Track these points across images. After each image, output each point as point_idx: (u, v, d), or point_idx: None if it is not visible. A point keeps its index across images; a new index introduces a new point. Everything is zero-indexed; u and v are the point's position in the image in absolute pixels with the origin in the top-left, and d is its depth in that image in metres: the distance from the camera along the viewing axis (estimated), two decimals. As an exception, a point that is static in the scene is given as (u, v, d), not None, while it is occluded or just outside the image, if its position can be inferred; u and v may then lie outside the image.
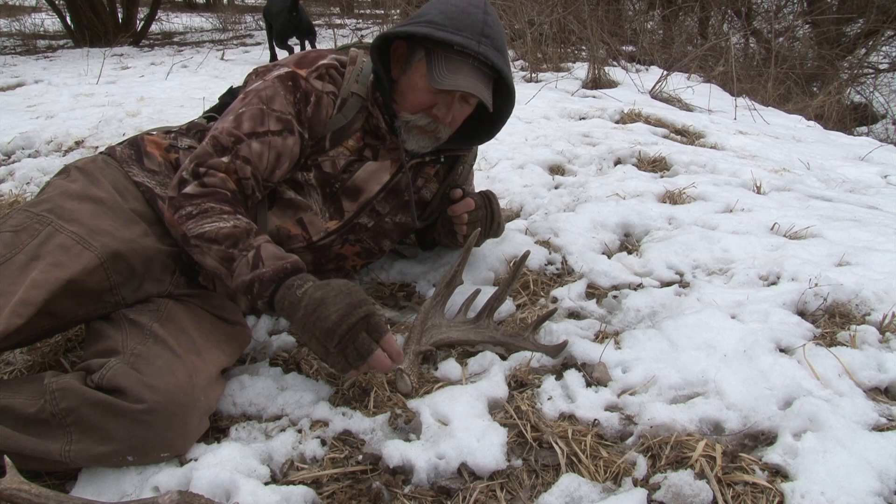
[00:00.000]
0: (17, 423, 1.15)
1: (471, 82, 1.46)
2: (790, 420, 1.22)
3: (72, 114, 4.10)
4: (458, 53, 1.46)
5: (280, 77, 1.52)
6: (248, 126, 1.46)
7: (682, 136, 3.63)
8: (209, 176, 1.40)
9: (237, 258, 1.32)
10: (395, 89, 1.57)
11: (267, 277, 1.30)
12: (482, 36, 1.45)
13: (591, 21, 5.68)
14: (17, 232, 1.32)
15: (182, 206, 1.37)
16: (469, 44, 1.43)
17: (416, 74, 1.52)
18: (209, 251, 1.34)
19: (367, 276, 1.94)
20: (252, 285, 1.30)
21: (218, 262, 1.34)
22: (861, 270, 1.71)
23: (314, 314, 1.26)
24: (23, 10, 12.48)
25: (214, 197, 1.38)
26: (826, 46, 7.75)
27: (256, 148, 1.45)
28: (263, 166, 1.48)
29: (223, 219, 1.35)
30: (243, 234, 1.34)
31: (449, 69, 1.46)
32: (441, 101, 1.53)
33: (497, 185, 2.59)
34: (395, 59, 1.57)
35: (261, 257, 1.32)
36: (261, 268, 1.31)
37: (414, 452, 1.19)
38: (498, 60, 1.47)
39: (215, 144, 1.44)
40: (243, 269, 1.31)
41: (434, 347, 1.51)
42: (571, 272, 1.91)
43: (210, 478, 1.11)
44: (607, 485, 1.15)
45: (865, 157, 3.54)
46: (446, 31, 1.44)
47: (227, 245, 1.33)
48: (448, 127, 1.59)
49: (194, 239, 1.34)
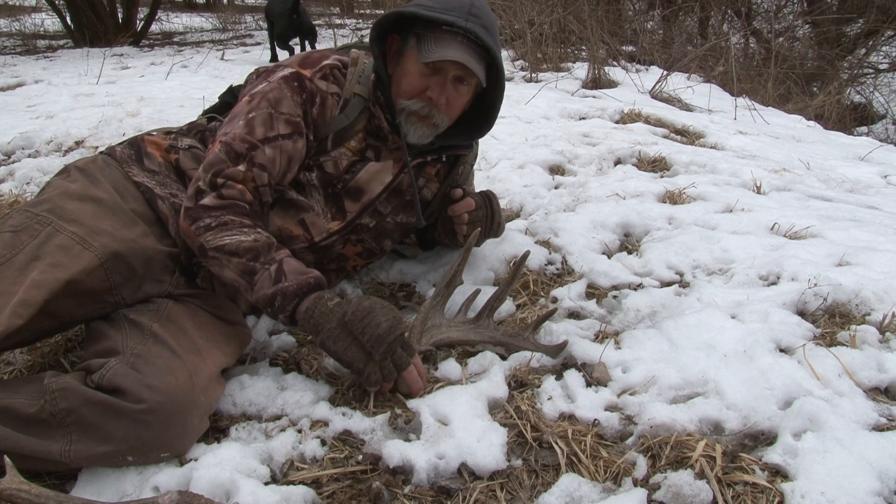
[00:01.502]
0: (17, 423, 1.15)
1: (459, 54, 1.47)
2: (790, 420, 1.22)
3: (72, 114, 4.10)
4: (445, 32, 1.47)
5: (285, 78, 1.52)
6: (261, 132, 1.46)
7: (682, 136, 3.63)
8: (227, 188, 1.40)
9: (259, 271, 1.34)
10: (392, 84, 1.58)
11: (291, 291, 1.33)
12: (470, 15, 1.47)
13: (591, 21, 5.68)
14: (17, 232, 1.32)
15: (200, 218, 1.37)
16: (456, 20, 1.45)
17: (409, 61, 1.53)
18: (229, 264, 1.35)
19: (366, 276, 1.94)
20: (274, 299, 1.33)
21: (238, 274, 1.35)
22: (861, 270, 1.71)
23: (363, 320, 1.31)
24: (23, 10, 12.48)
25: (233, 210, 1.39)
26: (826, 46, 7.76)
27: (270, 154, 1.46)
28: (277, 171, 1.48)
29: (244, 232, 1.36)
30: (265, 247, 1.36)
31: (437, 45, 1.47)
32: (434, 83, 1.52)
33: (497, 185, 2.59)
34: (391, 56, 1.58)
35: (283, 271, 1.34)
36: (283, 282, 1.33)
37: (414, 452, 1.19)
38: (486, 37, 1.48)
39: (229, 152, 1.43)
40: (265, 282, 1.33)
41: (434, 347, 1.51)
42: (571, 272, 1.91)
43: (210, 478, 1.11)
44: (607, 485, 1.15)
45: (865, 157, 3.54)
46: (434, 11, 1.46)
47: (248, 258, 1.34)
48: (444, 114, 1.57)
49: (213, 251, 1.35)
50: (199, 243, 1.37)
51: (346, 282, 1.86)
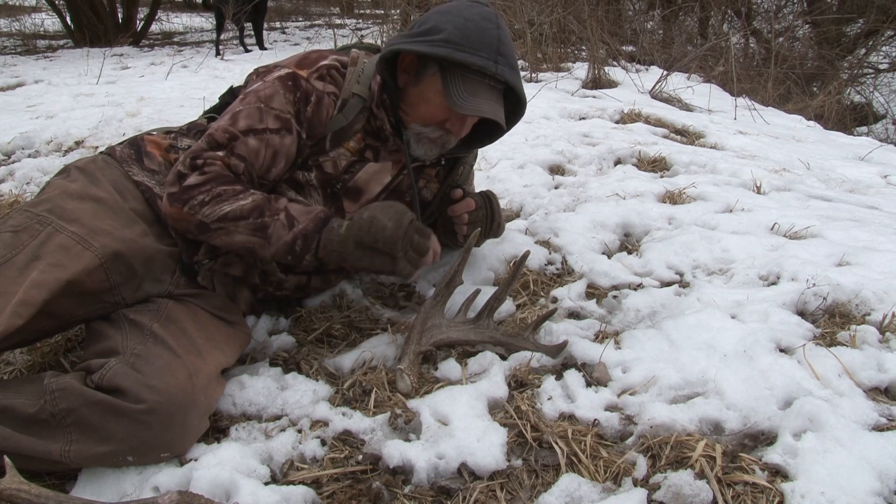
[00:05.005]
0: (17, 423, 1.15)
1: (490, 106, 1.47)
2: (790, 420, 1.22)
3: (72, 114, 4.10)
4: (474, 73, 1.46)
5: (280, 77, 1.52)
6: (245, 123, 1.46)
7: (682, 136, 3.63)
8: (208, 166, 1.40)
9: (270, 224, 1.38)
10: (403, 98, 1.57)
11: (310, 230, 1.40)
12: (498, 55, 1.45)
13: (591, 21, 5.68)
14: (17, 232, 1.32)
15: (191, 197, 1.37)
16: (487, 65, 1.44)
17: (430, 89, 1.51)
18: (237, 229, 1.38)
19: (367, 276, 1.94)
20: (294, 243, 1.39)
21: (249, 234, 1.38)
22: (861, 270, 1.71)
23: (370, 231, 1.39)
24: (23, 10, 12.48)
25: (220, 180, 1.40)
26: (826, 46, 7.76)
27: (253, 145, 1.45)
28: (259, 164, 1.48)
29: (240, 197, 1.39)
30: (265, 202, 1.40)
31: (467, 90, 1.46)
32: (455, 118, 1.54)
33: (497, 185, 2.59)
34: (403, 68, 1.56)
35: (292, 216, 1.40)
36: (297, 225, 1.39)
37: (414, 452, 1.19)
38: (513, 80, 1.49)
39: (210, 141, 1.44)
40: (281, 231, 1.38)
41: (434, 347, 1.51)
42: (571, 272, 1.91)
43: (210, 478, 1.11)
44: (607, 485, 1.15)
45: (865, 157, 3.54)
46: (464, 51, 1.43)
47: (255, 217, 1.38)
48: (457, 137, 1.61)
49: (216, 223, 1.37)
50: (197, 221, 1.38)
51: (346, 281, 1.86)
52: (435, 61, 1.49)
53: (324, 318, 1.72)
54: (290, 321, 1.72)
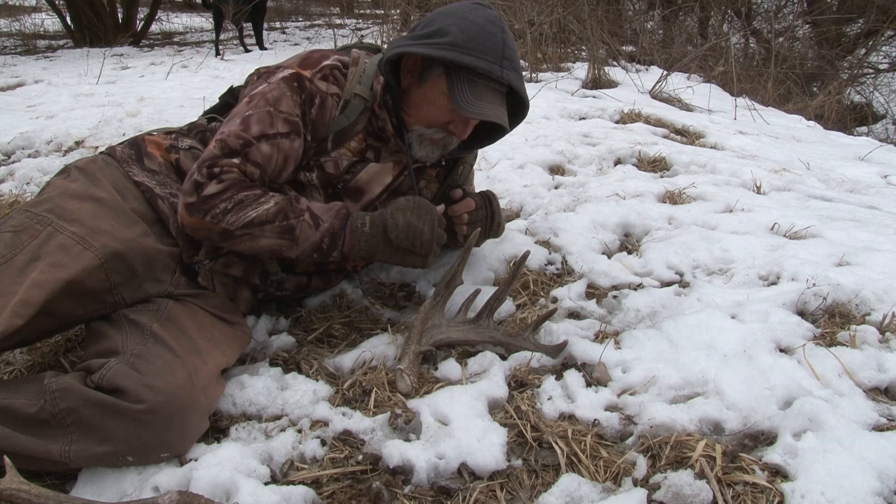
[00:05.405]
0: (17, 423, 1.15)
1: (495, 109, 1.48)
2: (790, 420, 1.22)
3: (72, 114, 4.10)
4: (480, 76, 1.46)
5: (285, 79, 1.52)
6: (258, 129, 1.46)
7: (682, 136, 3.63)
8: (225, 173, 1.40)
9: (296, 226, 1.43)
10: (405, 99, 1.57)
11: (336, 228, 1.46)
12: (503, 59, 1.46)
13: (591, 21, 5.68)
14: (17, 232, 1.32)
15: (213, 206, 1.38)
16: (493, 69, 1.44)
17: (434, 91, 1.51)
18: (263, 233, 1.41)
19: (366, 276, 1.94)
20: (322, 242, 1.45)
21: (277, 237, 1.42)
22: (861, 270, 1.71)
23: (410, 236, 1.50)
24: (23, 10, 12.47)
25: (239, 186, 1.41)
26: (826, 46, 7.76)
27: (266, 150, 1.46)
28: (272, 169, 1.48)
29: (262, 202, 1.41)
30: (288, 204, 1.43)
31: (473, 93, 1.46)
32: (459, 120, 1.55)
33: (497, 185, 2.59)
34: (407, 69, 1.55)
35: (317, 216, 1.46)
36: (322, 224, 1.45)
37: (414, 452, 1.19)
38: (518, 83, 1.50)
39: (223, 147, 1.43)
40: (308, 231, 1.44)
41: (434, 347, 1.51)
42: (571, 272, 1.91)
43: (210, 478, 1.11)
44: (607, 485, 1.15)
45: (865, 157, 3.54)
46: (470, 55, 1.43)
47: (280, 220, 1.41)
48: (459, 139, 1.62)
49: (242, 229, 1.39)
50: (220, 229, 1.39)
51: (346, 282, 1.86)
52: (440, 64, 1.49)
53: (324, 318, 1.72)
54: (290, 321, 1.72)
